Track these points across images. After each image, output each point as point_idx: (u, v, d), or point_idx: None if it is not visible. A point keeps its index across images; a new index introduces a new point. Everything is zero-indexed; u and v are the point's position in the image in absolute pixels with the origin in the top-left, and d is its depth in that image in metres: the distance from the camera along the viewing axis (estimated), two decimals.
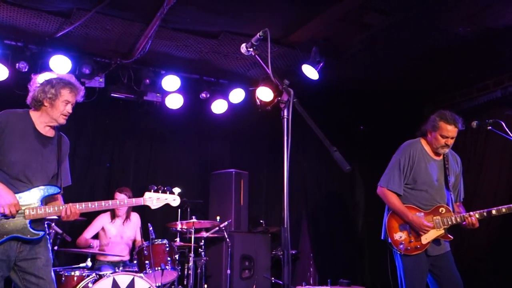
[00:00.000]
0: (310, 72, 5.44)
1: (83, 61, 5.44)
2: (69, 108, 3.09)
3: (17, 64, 5.17)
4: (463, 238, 5.91)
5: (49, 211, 2.98)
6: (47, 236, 3.15)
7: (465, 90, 6.58)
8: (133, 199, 3.35)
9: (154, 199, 3.33)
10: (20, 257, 2.93)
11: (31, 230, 2.92)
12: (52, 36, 5.05)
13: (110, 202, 3.20)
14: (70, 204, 3.03)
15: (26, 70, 5.21)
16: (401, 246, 3.61)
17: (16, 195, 2.89)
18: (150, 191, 3.35)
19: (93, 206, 3.10)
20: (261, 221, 6.33)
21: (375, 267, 7.04)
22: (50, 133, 3.15)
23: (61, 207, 3.00)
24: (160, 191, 3.37)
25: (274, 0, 4.47)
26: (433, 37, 5.07)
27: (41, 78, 3.15)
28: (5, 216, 2.84)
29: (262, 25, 2.48)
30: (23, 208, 2.90)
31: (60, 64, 5.26)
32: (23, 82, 5.27)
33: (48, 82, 3.09)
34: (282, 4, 4.56)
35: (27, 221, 2.91)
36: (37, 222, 2.98)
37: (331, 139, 2.07)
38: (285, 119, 2.09)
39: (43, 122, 3.09)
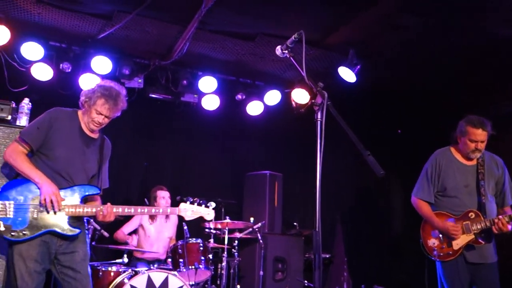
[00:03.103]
0: (347, 74, 5.38)
1: (123, 62, 5.58)
2: (100, 118, 3.16)
3: (61, 65, 5.36)
4: None
5: (87, 210, 3.08)
6: (86, 231, 3.26)
7: (509, 94, 6.32)
8: (169, 208, 3.47)
9: (189, 211, 3.39)
10: (59, 250, 3.04)
11: (69, 226, 3.02)
12: (94, 37, 5.20)
13: (146, 208, 3.31)
14: (108, 204, 3.12)
15: (69, 70, 5.40)
16: (435, 252, 3.61)
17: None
18: (186, 202, 3.41)
19: (129, 211, 3.20)
20: (295, 223, 6.30)
21: (411, 274, 6.86)
22: (94, 134, 3.27)
23: (98, 208, 3.10)
24: (195, 204, 3.42)
25: (311, 2, 4.45)
26: (472, 39, 4.91)
27: (84, 82, 3.27)
28: (46, 210, 2.95)
29: (298, 28, 2.48)
30: (64, 204, 3.01)
31: (101, 65, 5.42)
32: (66, 82, 5.54)
33: (94, 88, 3.21)
34: (318, 7, 4.53)
35: (66, 218, 3.02)
36: (75, 220, 3.08)
37: (368, 143, 2.04)
38: (319, 122, 2.08)
39: (84, 122, 3.21)
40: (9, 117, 3.61)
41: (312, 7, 4.54)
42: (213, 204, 3.46)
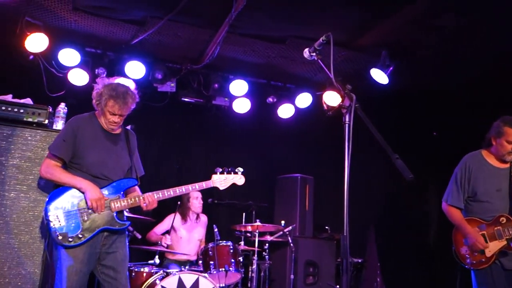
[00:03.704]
0: (380, 76, 5.30)
1: (156, 67, 5.69)
2: (115, 118, 3.21)
3: (96, 70, 5.50)
4: None
5: (131, 201, 3.19)
6: (126, 232, 3.35)
7: None
8: (203, 182, 3.50)
9: (222, 181, 3.54)
10: (103, 250, 3.13)
11: (118, 221, 3.14)
12: (128, 43, 5.32)
13: (183, 187, 3.36)
14: (148, 193, 3.23)
15: (104, 75, 5.53)
16: (468, 260, 3.48)
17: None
18: (216, 173, 3.55)
19: (168, 193, 3.29)
20: (327, 227, 6.24)
21: (445, 281, 6.68)
22: (117, 130, 3.33)
23: (141, 197, 3.20)
24: (225, 172, 3.56)
25: (342, 4, 4.40)
26: (508, 38, 4.73)
27: (98, 83, 3.30)
28: (94, 211, 3.06)
29: (329, 30, 2.46)
30: (108, 201, 3.11)
31: (135, 70, 5.54)
32: None
33: (99, 90, 3.22)
34: (350, 8, 4.48)
35: (114, 213, 3.13)
36: (121, 213, 3.19)
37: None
38: (347, 125, 2.05)
39: (105, 124, 3.27)
40: (46, 121, 3.73)
41: (343, 9, 4.50)
42: (240, 169, 3.61)
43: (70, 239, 2.98)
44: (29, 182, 3.62)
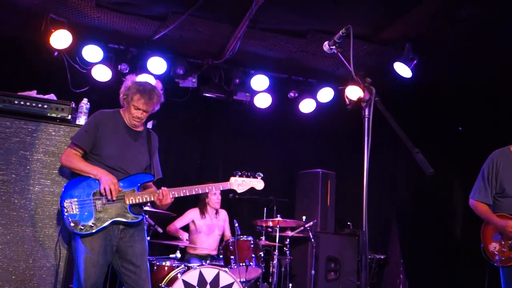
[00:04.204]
0: (403, 70, 5.21)
1: (178, 62, 5.71)
2: (138, 113, 3.26)
3: (119, 66, 5.56)
4: None
5: (146, 196, 3.21)
6: (145, 227, 3.38)
7: None
8: (220, 184, 3.48)
9: (239, 183, 3.49)
10: (120, 243, 3.16)
11: (131, 214, 3.16)
12: (150, 39, 5.36)
13: (201, 187, 3.37)
14: (163, 188, 3.25)
15: (127, 71, 5.59)
16: (497, 257, 3.41)
17: None
18: (235, 176, 3.51)
19: (184, 192, 3.29)
20: (348, 223, 6.18)
21: (471, 279, 6.54)
22: (139, 128, 3.38)
23: (156, 192, 3.22)
24: (244, 176, 3.51)
25: None
26: None
27: (128, 79, 3.38)
28: (108, 201, 3.09)
29: (351, 23, 2.42)
30: (122, 194, 3.14)
31: (156, 66, 5.58)
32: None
33: (128, 85, 3.31)
34: (372, 1, 4.41)
35: (127, 206, 3.15)
36: (135, 207, 3.21)
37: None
38: (366, 119, 2.02)
39: (127, 119, 3.33)
40: (69, 117, 3.79)
41: (365, 1, 4.43)
42: (261, 174, 3.56)
43: (81, 227, 3.03)
44: (53, 176, 3.69)
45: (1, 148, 3.62)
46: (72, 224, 3.03)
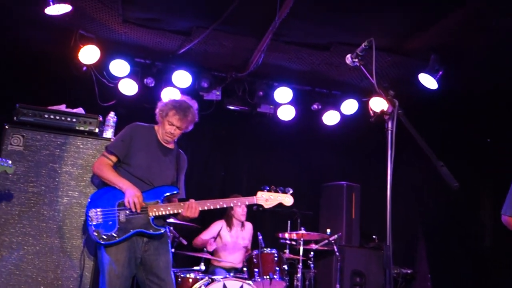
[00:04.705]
0: (428, 81, 5.14)
1: (202, 76, 5.79)
2: (172, 129, 3.35)
3: (145, 80, 5.67)
4: None
5: (169, 208, 3.25)
6: (169, 239, 3.42)
7: None
8: (247, 198, 3.45)
9: (266, 198, 3.43)
10: (145, 255, 3.20)
11: (153, 225, 3.19)
12: (175, 53, 5.45)
13: (226, 200, 3.39)
14: (192, 200, 3.28)
15: (152, 85, 5.70)
16: None
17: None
18: (263, 190, 3.46)
19: (208, 206, 3.32)
20: (374, 236, 6.09)
21: None
22: (170, 145, 3.46)
23: (182, 204, 3.26)
24: (272, 191, 3.46)
25: (387, 8, 4.32)
26: None
27: (165, 96, 3.49)
28: (131, 213, 3.14)
29: (375, 35, 2.43)
30: (146, 205, 3.18)
31: (181, 79, 5.66)
32: (150, 96, 5.84)
33: (165, 101, 3.42)
34: (395, 12, 4.38)
35: (150, 218, 3.19)
36: (159, 219, 3.25)
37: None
38: (389, 132, 2.00)
39: (160, 135, 3.41)
40: (97, 130, 3.89)
41: (389, 13, 4.41)
42: (290, 190, 3.47)
43: (104, 236, 3.08)
44: (80, 188, 3.78)
45: (31, 161, 3.73)
46: (95, 233, 3.09)
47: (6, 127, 3.76)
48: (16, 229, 3.62)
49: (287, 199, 3.46)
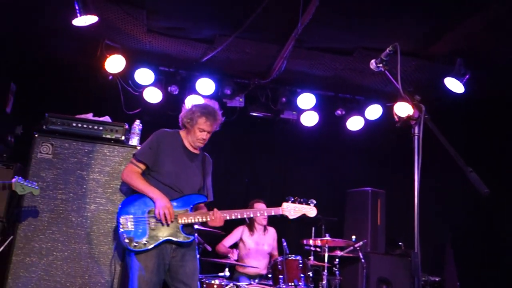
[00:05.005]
0: (455, 85, 5.05)
1: (225, 83, 5.84)
2: (203, 135, 3.39)
3: (169, 88, 5.75)
4: None
5: (198, 217, 3.28)
6: (196, 246, 3.44)
7: None
8: (272, 209, 3.51)
9: (291, 210, 3.47)
10: (172, 262, 3.22)
11: (183, 234, 3.22)
12: (198, 61, 5.51)
13: (251, 211, 3.44)
14: (215, 210, 3.31)
15: (176, 93, 5.78)
16: None
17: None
18: (287, 201, 3.50)
19: (235, 214, 3.37)
20: (400, 243, 5.99)
21: None
22: (196, 150, 3.49)
23: (208, 214, 3.29)
24: (297, 202, 3.50)
25: (411, 12, 4.28)
26: None
27: (189, 102, 3.51)
28: (161, 222, 3.17)
29: (399, 39, 2.42)
30: (176, 213, 3.22)
31: (205, 86, 5.72)
32: (174, 103, 5.91)
33: (191, 108, 3.44)
34: (419, 16, 4.34)
35: (180, 226, 3.22)
36: (188, 227, 3.28)
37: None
38: (416, 137, 1.98)
39: (187, 141, 3.44)
40: (123, 138, 3.96)
41: (412, 17, 4.37)
42: (314, 201, 3.53)
43: (135, 244, 3.11)
44: (107, 195, 3.85)
45: (60, 168, 3.82)
46: (126, 240, 3.12)
47: (36, 135, 3.86)
48: (45, 235, 3.71)
49: (311, 211, 3.52)
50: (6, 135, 5.02)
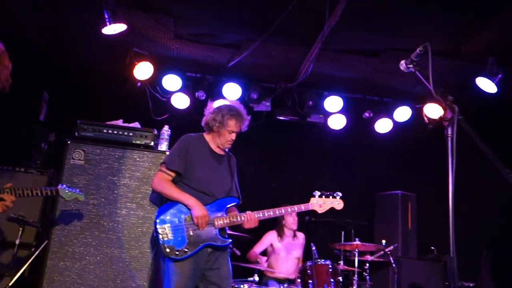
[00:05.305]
0: (487, 85, 4.93)
1: (251, 87, 5.85)
2: (233, 136, 3.42)
3: (196, 93, 5.80)
4: None
5: (233, 219, 3.30)
6: (228, 250, 3.45)
7: None
8: (302, 205, 3.55)
9: (320, 204, 3.57)
10: (207, 266, 3.24)
11: (220, 237, 3.25)
12: (225, 66, 5.54)
13: (283, 208, 3.45)
14: (248, 212, 3.34)
15: (203, 98, 5.82)
16: None
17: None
18: (314, 197, 3.58)
19: (268, 214, 3.40)
20: (432, 247, 5.86)
21: None
22: (221, 151, 3.51)
23: (243, 216, 3.31)
24: (324, 196, 3.58)
25: (440, 11, 4.19)
26: None
27: (214, 105, 3.52)
28: (198, 228, 3.20)
29: (427, 39, 2.36)
30: (211, 218, 3.24)
31: (231, 91, 5.74)
32: (201, 109, 5.94)
33: (219, 111, 3.44)
34: (448, 15, 4.25)
35: (217, 230, 3.25)
36: (223, 231, 3.31)
37: None
38: (449, 138, 1.93)
39: (214, 143, 3.45)
40: (152, 143, 4.01)
41: (441, 16, 4.29)
42: (339, 194, 3.63)
43: (177, 252, 3.12)
44: (137, 200, 3.90)
45: (92, 174, 3.90)
46: (167, 250, 3.12)
47: (68, 142, 3.95)
48: (78, 240, 3.78)
49: (338, 204, 3.61)
50: (40, 143, 5.16)
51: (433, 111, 5.73)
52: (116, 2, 4.19)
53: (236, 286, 4.54)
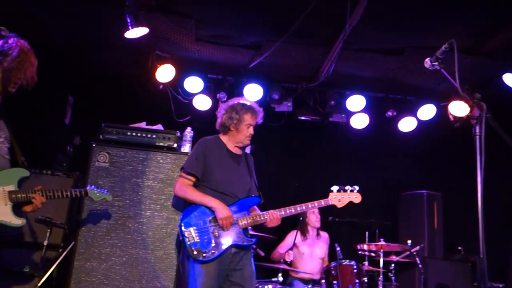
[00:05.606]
0: None
1: (273, 88, 5.84)
2: (251, 130, 3.44)
3: (217, 95, 5.82)
4: None
5: (257, 219, 3.32)
6: (252, 251, 3.46)
7: None
8: (322, 201, 3.58)
9: (338, 198, 3.62)
10: (230, 267, 3.25)
11: (245, 237, 3.27)
12: (246, 67, 5.55)
13: (304, 205, 3.46)
14: (271, 210, 3.36)
15: (225, 99, 5.82)
16: None
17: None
18: (332, 191, 3.63)
19: (290, 211, 3.41)
20: (459, 248, 5.75)
21: None
22: (238, 151, 3.52)
23: (265, 215, 3.33)
24: (342, 191, 3.63)
25: (463, 7, 4.11)
26: None
27: (225, 105, 3.53)
28: (223, 229, 3.22)
29: (451, 36, 2.32)
30: (235, 219, 3.25)
31: (253, 92, 5.74)
32: None
33: (232, 109, 3.45)
34: (473, 11, 4.16)
35: (241, 230, 3.27)
36: (246, 230, 3.33)
37: None
38: (477, 137, 1.89)
39: (232, 143, 3.47)
40: (175, 145, 4.05)
41: (465, 12, 4.20)
42: (356, 187, 3.68)
43: (204, 254, 3.14)
44: (161, 201, 3.94)
45: (116, 176, 3.96)
46: (195, 253, 3.14)
47: (93, 145, 4.02)
48: (104, 241, 3.84)
49: (356, 198, 3.65)
50: (66, 146, 5.26)
51: (458, 109, 5.61)
52: (138, 6, 4.24)
53: (260, 286, 4.54)
